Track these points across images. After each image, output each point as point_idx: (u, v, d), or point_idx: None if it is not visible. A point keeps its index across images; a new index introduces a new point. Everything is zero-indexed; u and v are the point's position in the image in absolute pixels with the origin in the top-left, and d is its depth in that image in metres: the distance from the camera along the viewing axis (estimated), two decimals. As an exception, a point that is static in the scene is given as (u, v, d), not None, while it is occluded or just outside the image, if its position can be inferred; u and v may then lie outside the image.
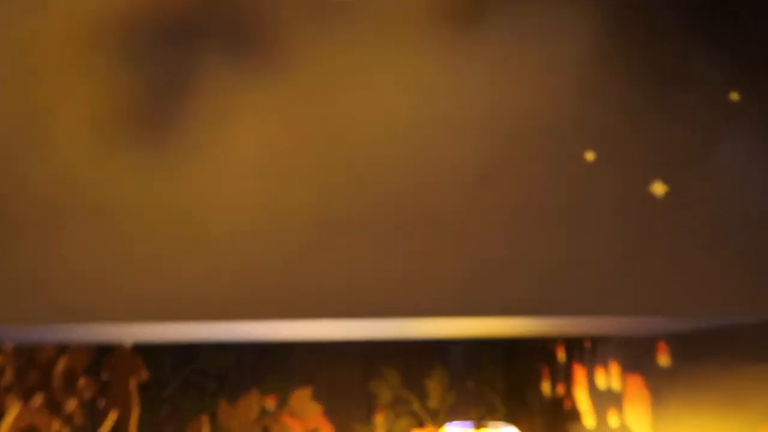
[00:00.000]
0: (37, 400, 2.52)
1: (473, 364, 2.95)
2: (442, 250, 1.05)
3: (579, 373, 2.42)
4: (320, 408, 2.49)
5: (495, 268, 1.07)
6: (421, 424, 3.19)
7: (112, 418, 2.49)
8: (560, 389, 2.59)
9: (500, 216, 1.09)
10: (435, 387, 3.04)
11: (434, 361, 2.92)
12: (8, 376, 2.55)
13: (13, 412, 2.51)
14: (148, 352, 2.88)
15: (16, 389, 2.52)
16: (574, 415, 2.47)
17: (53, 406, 2.52)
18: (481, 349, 2.94)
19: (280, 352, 2.72)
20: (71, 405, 2.54)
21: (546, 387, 2.68)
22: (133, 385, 2.53)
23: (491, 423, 2.62)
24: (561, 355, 2.61)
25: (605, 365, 2.27)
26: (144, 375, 2.55)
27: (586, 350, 2.44)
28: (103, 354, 2.49)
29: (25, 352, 2.56)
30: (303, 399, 2.48)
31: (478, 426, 2.42)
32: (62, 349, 2.56)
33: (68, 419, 2.51)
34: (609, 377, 2.26)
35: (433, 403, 2.98)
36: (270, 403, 2.40)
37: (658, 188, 1.24)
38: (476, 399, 2.95)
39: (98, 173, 1.07)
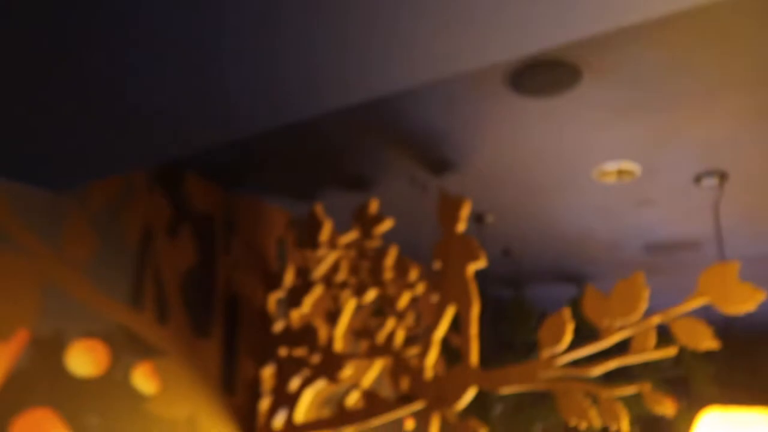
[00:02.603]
0: (370, 295, 2.16)
1: None
2: None
3: None
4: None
5: None
6: None
7: (448, 314, 1.98)
8: None
9: None
10: None
11: None
12: (342, 272, 2.26)
13: (348, 310, 2.21)
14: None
15: (350, 285, 2.22)
16: None
17: (384, 303, 2.13)
18: None
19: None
20: (403, 300, 2.11)
21: None
22: (470, 273, 1.99)
23: None
24: None
25: None
26: (483, 260, 1.97)
27: None
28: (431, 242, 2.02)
29: (355, 244, 2.25)
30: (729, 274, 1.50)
31: None
32: (390, 239, 2.17)
33: (401, 317, 2.09)
34: None
35: None
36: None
37: None
38: None
39: None
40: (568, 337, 1.73)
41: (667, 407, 1.56)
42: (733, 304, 1.53)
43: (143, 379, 1.94)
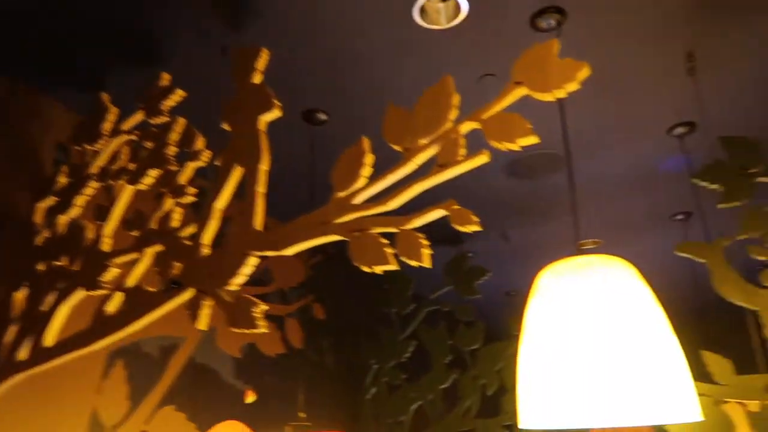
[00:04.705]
0: (149, 178, 1.70)
1: None
2: None
3: None
4: None
5: None
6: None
7: (235, 176, 1.54)
8: None
9: None
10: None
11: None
12: (121, 160, 1.80)
13: (123, 200, 1.73)
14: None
15: (128, 172, 1.75)
16: None
17: (165, 182, 1.67)
18: None
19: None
20: (185, 174, 1.66)
21: None
22: (262, 125, 1.56)
23: None
24: None
25: None
26: (277, 110, 1.55)
27: None
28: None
29: (141, 126, 1.80)
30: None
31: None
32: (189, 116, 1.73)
33: (179, 193, 1.62)
34: None
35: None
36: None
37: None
38: None
39: None
40: (366, 171, 1.33)
41: (474, 225, 1.17)
42: (553, 86, 1.18)
43: None
